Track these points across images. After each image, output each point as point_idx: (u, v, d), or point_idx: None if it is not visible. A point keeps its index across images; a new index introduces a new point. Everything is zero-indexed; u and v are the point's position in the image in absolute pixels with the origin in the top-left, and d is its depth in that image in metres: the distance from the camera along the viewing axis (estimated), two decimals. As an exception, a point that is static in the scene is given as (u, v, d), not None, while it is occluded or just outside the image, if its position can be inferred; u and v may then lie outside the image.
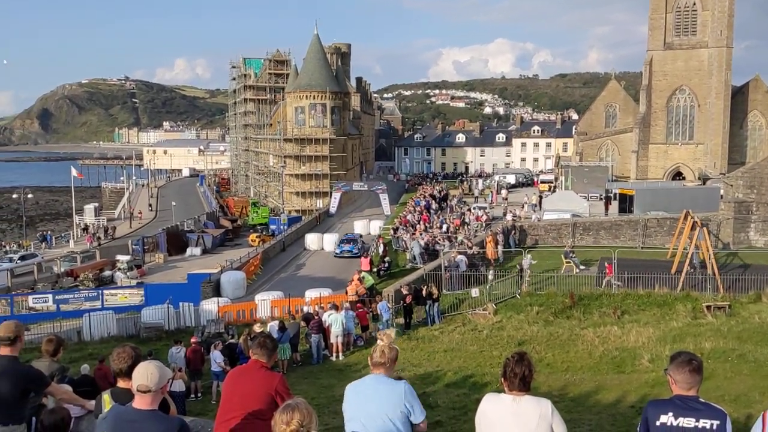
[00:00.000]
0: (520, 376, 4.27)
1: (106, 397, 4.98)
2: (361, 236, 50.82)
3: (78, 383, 11.13)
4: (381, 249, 40.90)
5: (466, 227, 47.89)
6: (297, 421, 3.63)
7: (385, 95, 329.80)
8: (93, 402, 5.63)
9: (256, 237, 55.92)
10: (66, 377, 8.91)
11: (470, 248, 35.58)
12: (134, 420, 4.13)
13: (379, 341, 5.71)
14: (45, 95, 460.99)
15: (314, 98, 76.01)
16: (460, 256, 32.80)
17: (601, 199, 58.29)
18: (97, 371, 16.23)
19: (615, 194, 55.23)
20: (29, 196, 77.82)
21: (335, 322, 22.47)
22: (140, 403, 4.16)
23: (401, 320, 26.17)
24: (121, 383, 4.88)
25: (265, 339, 5.05)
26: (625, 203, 49.93)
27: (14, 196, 75.89)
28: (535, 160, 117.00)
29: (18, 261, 47.26)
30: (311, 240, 51.35)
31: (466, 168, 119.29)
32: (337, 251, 46.31)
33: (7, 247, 58.91)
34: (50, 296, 36.75)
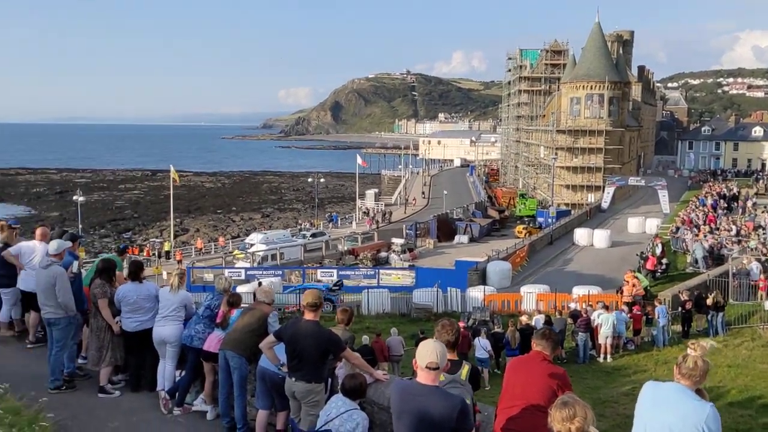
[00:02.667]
0: None
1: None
2: None
3: (360, 352, 12.07)
4: (659, 250, 38.11)
5: (760, 231, 42.53)
6: (580, 419, 3.53)
7: (670, 84, 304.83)
8: (381, 371, 6.09)
9: (523, 229, 55.67)
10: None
11: (765, 255, 31.56)
12: (420, 394, 4.36)
13: (689, 351, 5.21)
14: (337, 89, 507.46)
15: (591, 88, 73.11)
16: (753, 263, 29.24)
17: None
18: (374, 343, 17.55)
19: None
20: (321, 180, 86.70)
21: (605, 322, 21.48)
22: (425, 378, 4.36)
23: (678, 327, 24.19)
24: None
25: (549, 331, 5.02)
26: None
27: (309, 180, 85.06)
28: None
29: (310, 238, 52.82)
30: (580, 235, 49.70)
31: (763, 165, 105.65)
32: None
33: (302, 225, 66.05)
34: (335, 271, 40.61)
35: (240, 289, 27.31)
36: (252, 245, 49.62)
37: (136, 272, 8.51)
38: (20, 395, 6.97)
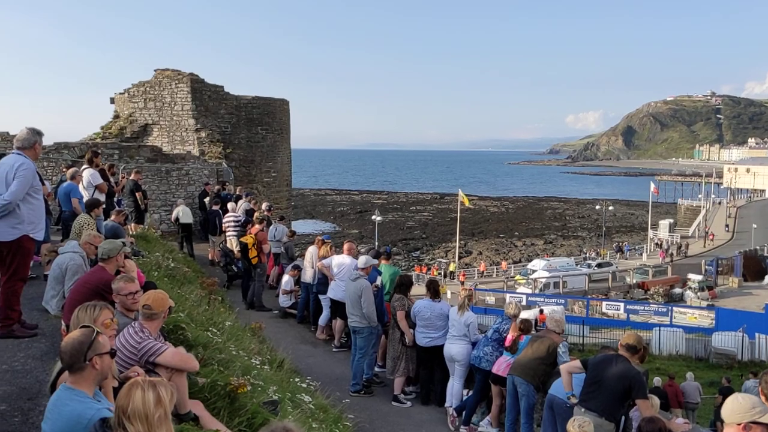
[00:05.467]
0: None
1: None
2: None
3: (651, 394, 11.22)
4: None
5: None
6: None
7: None
8: (681, 420, 5.57)
9: None
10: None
11: None
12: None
13: None
14: (630, 113, 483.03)
15: None
16: None
17: None
18: (667, 386, 16.19)
19: None
20: (609, 208, 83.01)
21: None
22: None
23: None
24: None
25: None
26: None
27: (596, 207, 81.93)
28: None
29: (595, 267, 50.74)
30: None
31: None
32: None
33: (587, 254, 63.79)
34: (622, 305, 38.42)
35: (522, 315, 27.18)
36: (534, 271, 49.22)
37: (434, 290, 8.97)
38: (327, 394, 7.73)
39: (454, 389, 8.49)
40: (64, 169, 15.48)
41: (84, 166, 11.69)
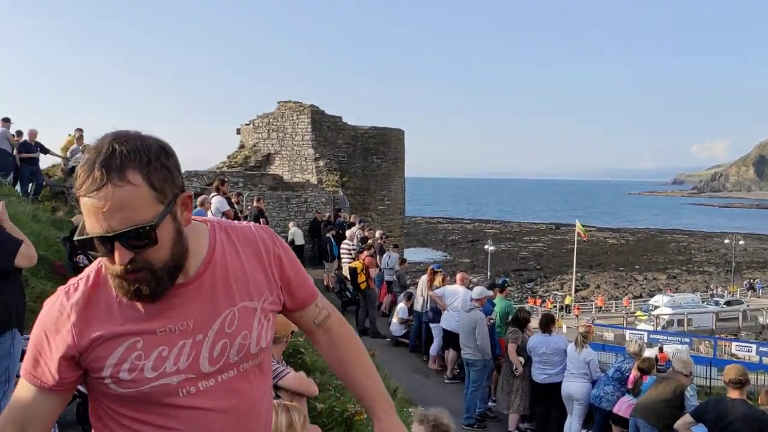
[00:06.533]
0: None
1: None
2: None
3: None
4: None
5: None
6: None
7: None
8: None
9: None
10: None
11: None
12: None
13: None
14: (763, 142, 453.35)
15: None
16: None
17: None
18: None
19: None
20: (740, 242, 77.88)
21: None
22: None
23: None
24: None
25: None
26: None
27: (725, 241, 77.01)
28: None
29: (723, 305, 47.64)
30: None
31: None
32: None
33: (714, 291, 60.08)
34: (754, 346, 35.74)
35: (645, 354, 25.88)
36: (656, 307, 46.89)
37: (547, 324, 8.74)
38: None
39: (573, 429, 8.19)
40: (193, 196, 16.41)
41: (212, 194, 12.37)
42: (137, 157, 1.34)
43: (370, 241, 15.68)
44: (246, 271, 1.60)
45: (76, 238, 1.38)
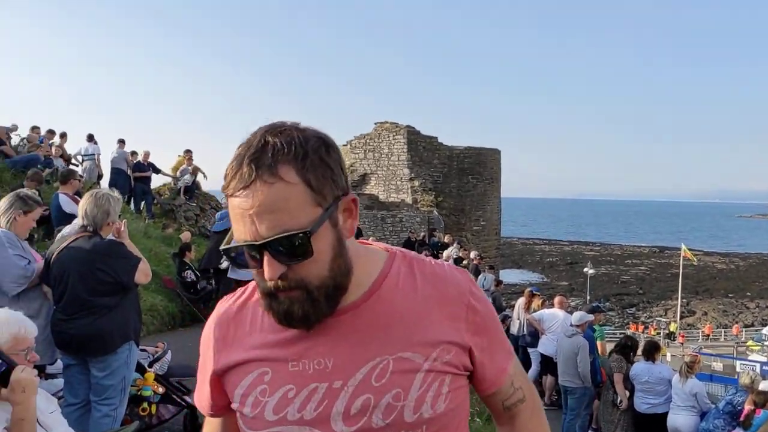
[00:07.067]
0: None
1: None
2: None
3: None
4: None
5: None
6: None
7: None
8: None
9: None
10: None
11: None
12: None
13: None
14: None
15: None
16: None
17: None
18: None
19: None
20: None
21: None
22: None
23: None
24: None
25: None
26: None
27: None
28: None
29: None
30: None
31: None
32: None
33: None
34: None
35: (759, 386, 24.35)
36: (770, 337, 44.01)
37: (651, 351, 8.42)
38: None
39: (679, 463, 7.82)
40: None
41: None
42: (292, 150, 1.11)
43: (465, 262, 15.63)
44: (419, 314, 1.23)
45: (221, 247, 1.16)
